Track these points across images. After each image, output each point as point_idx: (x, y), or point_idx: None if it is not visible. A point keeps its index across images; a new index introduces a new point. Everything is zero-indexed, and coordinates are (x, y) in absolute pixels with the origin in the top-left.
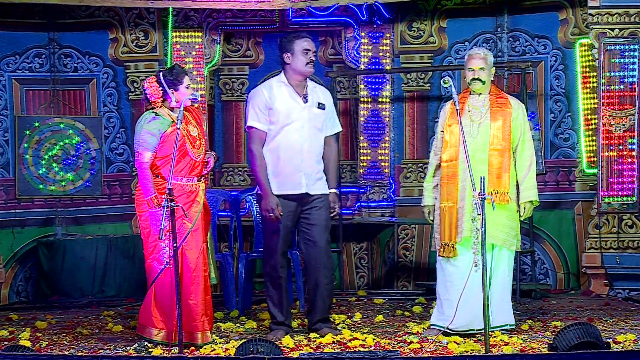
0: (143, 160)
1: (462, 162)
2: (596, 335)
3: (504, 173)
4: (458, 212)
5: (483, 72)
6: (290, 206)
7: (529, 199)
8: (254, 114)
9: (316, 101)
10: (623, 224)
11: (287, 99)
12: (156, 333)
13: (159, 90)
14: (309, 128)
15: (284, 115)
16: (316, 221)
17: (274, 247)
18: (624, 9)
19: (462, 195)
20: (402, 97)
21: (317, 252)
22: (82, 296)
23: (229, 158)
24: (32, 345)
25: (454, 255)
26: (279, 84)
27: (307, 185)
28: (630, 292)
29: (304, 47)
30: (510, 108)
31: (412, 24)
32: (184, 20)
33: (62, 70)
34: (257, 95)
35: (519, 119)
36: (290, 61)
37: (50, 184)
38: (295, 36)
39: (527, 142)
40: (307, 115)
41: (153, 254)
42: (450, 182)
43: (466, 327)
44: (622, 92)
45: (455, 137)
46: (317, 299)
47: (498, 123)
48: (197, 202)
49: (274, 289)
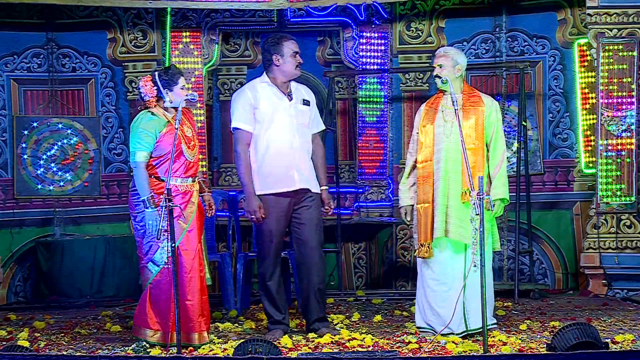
0: (139, 159)
1: (436, 162)
2: (595, 336)
3: (477, 172)
4: (433, 212)
5: (442, 69)
6: (283, 205)
7: (498, 196)
8: (239, 115)
9: (301, 98)
10: (621, 224)
11: (272, 98)
12: (151, 334)
13: (154, 90)
14: (296, 125)
15: (270, 114)
16: (307, 221)
17: (267, 249)
18: (622, 9)
19: (436, 195)
20: (401, 97)
21: (308, 251)
22: (80, 296)
23: (227, 158)
24: (30, 346)
25: (429, 255)
26: (263, 84)
27: (299, 181)
28: (628, 292)
29: (293, 49)
30: (483, 106)
31: (410, 24)
32: (182, 20)
33: (60, 70)
34: (241, 96)
35: (491, 117)
36: (280, 63)
37: (48, 184)
38: (281, 38)
39: (500, 140)
40: (293, 112)
41: (148, 255)
42: (425, 183)
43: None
44: (621, 92)
45: (429, 137)
46: (310, 299)
47: (470, 122)
48: (192, 203)
49: (268, 289)
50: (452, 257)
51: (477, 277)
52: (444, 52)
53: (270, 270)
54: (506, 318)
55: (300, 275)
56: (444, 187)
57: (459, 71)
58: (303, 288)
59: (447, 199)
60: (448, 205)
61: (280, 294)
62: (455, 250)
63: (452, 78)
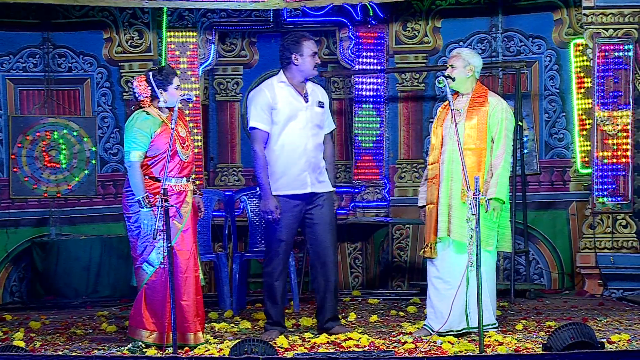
0: (134, 159)
1: (441, 163)
2: (590, 335)
3: (477, 172)
4: (437, 212)
5: (453, 69)
6: (296, 206)
7: (491, 195)
8: (256, 115)
9: (316, 100)
10: (617, 224)
11: (290, 99)
12: (147, 335)
13: (148, 90)
14: (311, 127)
15: (287, 115)
16: (321, 220)
17: (277, 248)
18: (618, 9)
19: (440, 195)
20: (397, 97)
21: (324, 250)
22: (76, 296)
23: (223, 158)
24: (26, 346)
25: (434, 255)
26: (280, 84)
27: (312, 184)
28: (624, 292)
29: (313, 49)
30: (487, 106)
31: (406, 24)
32: (179, 20)
33: (56, 70)
34: (259, 95)
35: (495, 116)
36: (299, 63)
37: (44, 184)
38: (301, 37)
39: (502, 140)
40: (309, 114)
41: (143, 255)
42: (432, 184)
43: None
44: (617, 92)
45: (438, 139)
46: (327, 298)
47: (472, 122)
48: (187, 203)
49: (274, 290)
50: (455, 257)
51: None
52: (457, 52)
53: (278, 270)
54: (502, 318)
55: (315, 274)
56: (447, 188)
57: (470, 71)
58: (320, 287)
59: (449, 199)
60: (450, 205)
61: (284, 296)
62: (458, 250)
63: (462, 78)
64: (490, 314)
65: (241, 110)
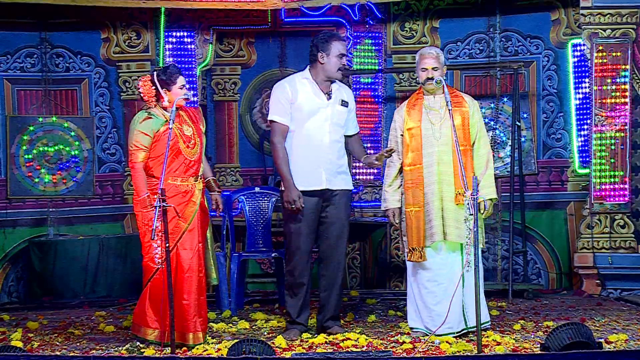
0: (136, 160)
1: (427, 166)
2: (588, 335)
3: (468, 173)
4: (425, 216)
5: (436, 71)
6: (312, 202)
7: (489, 196)
8: (276, 108)
9: (339, 99)
10: (615, 224)
11: (311, 95)
12: (150, 332)
13: (152, 90)
14: (330, 124)
15: (307, 111)
16: (334, 219)
17: (297, 245)
18: (615, 10)
19: (428, 199)
20: (395, 97)
21: (335, 249)
22: (74, 296)
23: (221, 158)
24: (23, 346)
25: (423, 259)
26: (303, 80)
27: (327, 180)
28: (622, 292)
29: (341, 51)
30: (467, 106)
31: (404, 24)
32: (176, 20)
33: (54, 70)
34: (279, 89)
35: (475, 117)
36: (324, 62)
37: (42, 184)
38: (331, 36)
39: (483, 139)
40: (330, 112)
41: (148, 253)
42: (415, 187)
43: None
44: (614, 92)
45: (416, 140)
46: (331, 297)
47: (457, 122)
48: (193, 202)
49: (295, 288)
50: (449, 258)
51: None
52: (436, 53)
53: (300, 267)
54: (500, 318)
55: (322, 272)
56: (438, 191)
57: (445, 71)
58: (326, 285)
59: (442, 202)
60: (443, 208)
61: (309, 294)
62: (451, 251)
63: (442, 79)
64: (486, 312)
65: (239, 110)
